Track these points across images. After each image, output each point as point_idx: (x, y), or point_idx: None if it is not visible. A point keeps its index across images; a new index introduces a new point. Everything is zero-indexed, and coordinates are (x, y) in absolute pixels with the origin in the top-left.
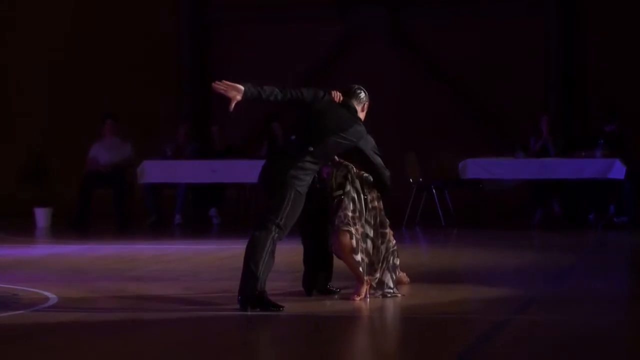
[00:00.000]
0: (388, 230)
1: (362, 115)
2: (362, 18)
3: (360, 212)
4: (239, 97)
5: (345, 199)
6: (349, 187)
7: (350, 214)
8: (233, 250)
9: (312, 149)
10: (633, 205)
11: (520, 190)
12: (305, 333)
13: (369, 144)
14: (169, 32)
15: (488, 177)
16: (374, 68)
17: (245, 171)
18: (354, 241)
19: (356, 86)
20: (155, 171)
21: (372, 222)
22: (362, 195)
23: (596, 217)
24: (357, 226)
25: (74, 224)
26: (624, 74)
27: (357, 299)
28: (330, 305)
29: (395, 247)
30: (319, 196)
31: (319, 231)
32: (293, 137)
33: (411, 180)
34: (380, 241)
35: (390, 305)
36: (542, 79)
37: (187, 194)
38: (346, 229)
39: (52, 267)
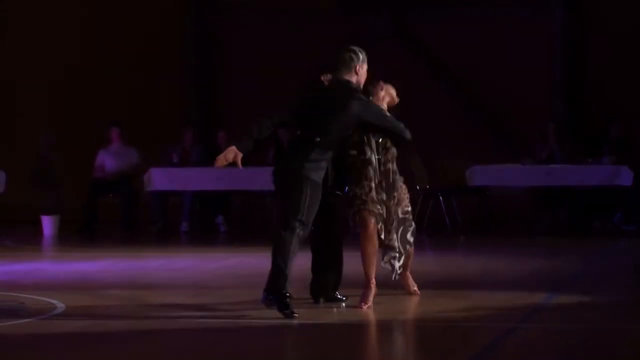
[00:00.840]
0: (401, 194)
1: (358, 78)
2: (367, 22)
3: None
4: (240, 154)
5: (369, 167)
6: (369, 154)
7: (372, 192)
8: (240, 258)
9: (318, 139)
10: None
11: (526, 197)
12: (313, 341)
13: (372, 112)
14: (174, 37)
15: (495, 184)
16: (379, 72)
17: (252, 178)
18: (377, 225)
19: (344, 49)
20: (161, 178)
21: (384, 185)
22: (374, 156)
23: (602, 224)
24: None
25: (80, 231)
26: (630, 80)
27: (365, 307)
28: (337, 313)
29: (409, 218)
30: (328, 199)
31: (328, 233)
32: (298, 132)
33: (418, 187)
34: (392, 202)
35: (397, 313)
36: (548, 86)
37: (193, 201)
38: (369, 209)
39: (59, 275)
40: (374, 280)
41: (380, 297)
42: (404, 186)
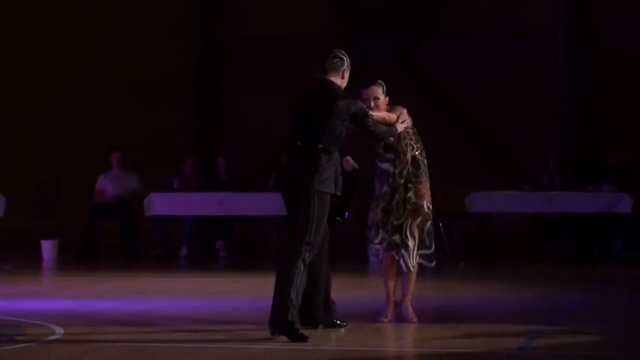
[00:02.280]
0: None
1: (342, 82)
2: (372, 50)
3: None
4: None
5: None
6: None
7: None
8: (240, 284)
9: (321, 145)
10: None
11: (527, 224)
12: None
13: (358, 106)
14: (177, 65)
15: (494, 211)
16: None
17: (252, 204)
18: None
19: (332, 54)
20: (162, 203)
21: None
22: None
23: (601, 251)
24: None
25: (81, 256)
26: (632, 109)
27: (385, 320)
28: (336, 339)
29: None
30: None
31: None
32: (298, 142)
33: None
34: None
35: (396, 338)
36: (549, 113)
37: (194, 227)
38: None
39: (58, 300)
40: (392, 295)
41: (378, 324)
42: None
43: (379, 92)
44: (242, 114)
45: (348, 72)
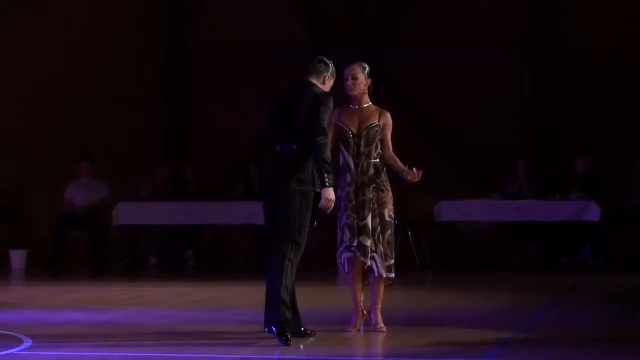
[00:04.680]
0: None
1: (323, 87)
2: (338, 58)
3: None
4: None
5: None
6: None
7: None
8: (209, 293)
9: (295, 147)
10: (608, 248)
11: (495, 232)
12: None
13: (325, 105)
14: (145, 72)
15: (463, 219)
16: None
17: (220, 213)
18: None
19: (317, 58)
20: (130, 213)
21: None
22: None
23: (570, 259)
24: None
25: (49, 266)
26: (600, 117)
27: (353, 330)
28: (304, 349)
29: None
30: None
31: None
32: (277, 146)
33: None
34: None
35: (365, 348)
36: (517, 121)
37: (162, 236)
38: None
39: (26, 310)
40: (361, 304)
41: (347, 334)
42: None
43: (358, 71)
44: (210, 122)
45: (331, 80)
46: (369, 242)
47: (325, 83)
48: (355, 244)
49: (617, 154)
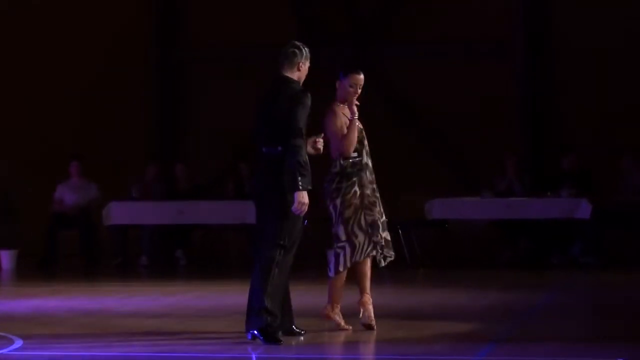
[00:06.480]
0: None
1: (299, 74)
2: (328, 54)
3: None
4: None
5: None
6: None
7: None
8: (200, 292)
9: (280, 148)
10: (599, 245)
11: (486, 230)
12: None
13: (300, 103)
14: (137, 71)
15: (454, 217)
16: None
17: (211, 212)
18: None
19: (286, 46)
20: (121, 212)
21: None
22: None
23: (560, 256)
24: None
25: (40, 266)
26: (591, 115)
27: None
28: (299, 347)
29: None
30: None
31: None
32: (263, 148)
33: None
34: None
35: (357, 346)
36: (508, 118)
37: (153, 235)
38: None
39: (16, 310)
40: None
41: (337, 332)
42: None
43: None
44: (202, 121)
45: (306, 63)
46: (389, 237)
47: (300, 69)
48: (382, 240)
49: (609, 153)
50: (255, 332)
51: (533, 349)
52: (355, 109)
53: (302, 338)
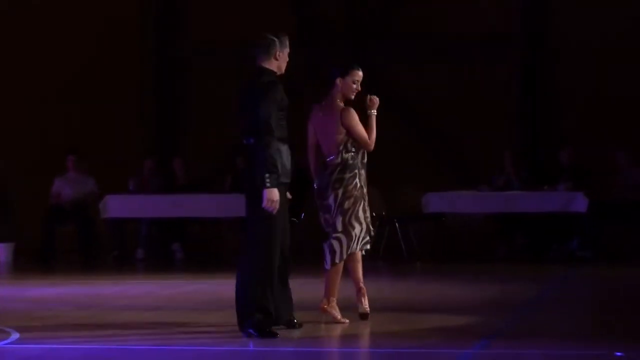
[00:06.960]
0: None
1: (278, 63)
2: (324, 51)
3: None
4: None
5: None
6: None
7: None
8: (197, 285)
9: (252, 140)
10: (596, 239)
11: (483, 224)
12: None
13: (268, 97)
14: (134, 66)
15: (451, 211)
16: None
17: (209, 206)
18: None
19: (262, 37)
20: (118, 206)
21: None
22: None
23: (558, 250)
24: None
25: (37, 259)
26: (587, 109)
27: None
28: (296, 340)
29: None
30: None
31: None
32: (250, 140)
33: (374, 214)
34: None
35: (355, 339)
36: (504, 112)
37: (150, 228)
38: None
39: (13, 303)
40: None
41: (334, 324)
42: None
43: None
44: (199, 115)
45: (284, 50)
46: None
47: (278, 58)
48: (373, 234)
49: (607, 148)
50: (250, 330)
51: (529, 343)
52: (375, 101)
53: (297, 332)
